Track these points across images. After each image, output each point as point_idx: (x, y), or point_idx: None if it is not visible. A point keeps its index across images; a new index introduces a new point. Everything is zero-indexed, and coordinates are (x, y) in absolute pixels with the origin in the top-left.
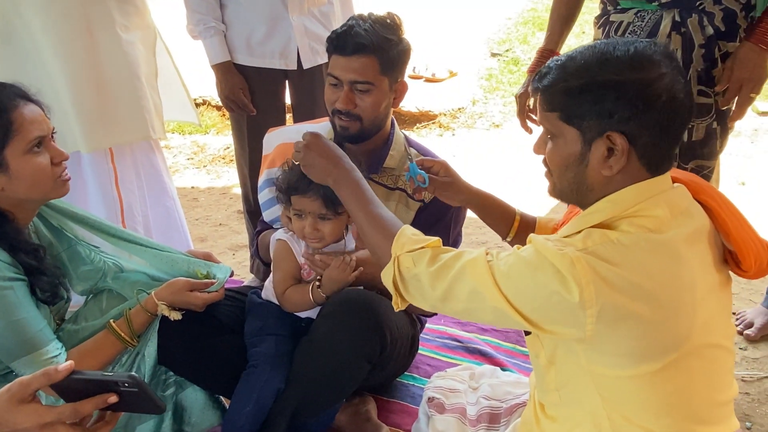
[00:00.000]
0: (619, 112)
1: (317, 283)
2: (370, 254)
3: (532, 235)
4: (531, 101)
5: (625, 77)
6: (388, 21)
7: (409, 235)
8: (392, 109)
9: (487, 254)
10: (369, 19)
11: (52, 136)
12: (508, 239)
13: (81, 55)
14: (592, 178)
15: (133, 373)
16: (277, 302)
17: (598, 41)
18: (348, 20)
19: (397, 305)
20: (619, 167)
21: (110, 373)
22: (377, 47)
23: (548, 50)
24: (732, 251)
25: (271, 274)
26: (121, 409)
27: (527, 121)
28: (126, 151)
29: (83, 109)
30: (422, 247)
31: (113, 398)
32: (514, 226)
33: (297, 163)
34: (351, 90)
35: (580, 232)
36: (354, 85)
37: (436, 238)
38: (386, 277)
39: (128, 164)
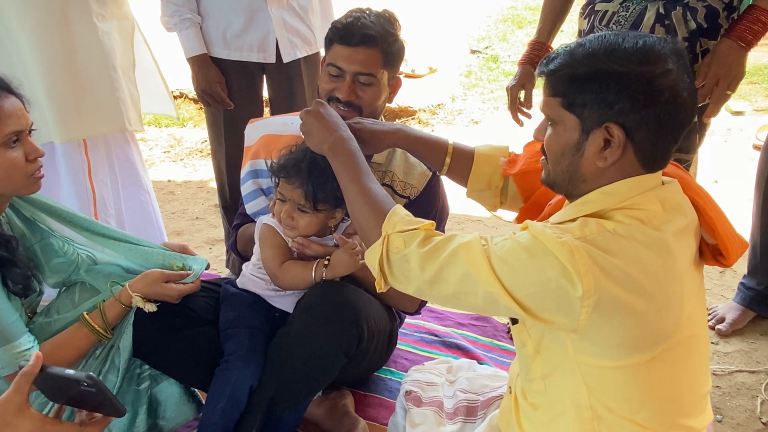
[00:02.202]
0: (620, 104)
1: (325, 261)
2: (357, 230)
3: (528, 221)
4: (522, 94)
5: (630, 69)
6: (388, 16)
7: (402, 215)
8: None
9: (481, 238)
10: (372, 13)
11: (30, 132)
12: (444, 171)
13: (56, 43)
14: (586, 169)
15: (91, 373)
16: (252, 288)
17: (609, 32)
18: (350, 12)
19: (380, 286)
20: (614, 160)
21: (71, 371)
22: (382, 40)
23: (539, 43)
24: (710, 244)
25: (251, 259)
26: (88, 408)
27: (519, 114)
28: (100, 143)
29: (57, 99)
30: (415, 229)
31: None
32: (446, 159)
33: (300, 145)
34: (353, 81)
35: (574, 220)
36: (357, 76)
37: (430, 221)
38: (372, 256)
39: (102, 156)
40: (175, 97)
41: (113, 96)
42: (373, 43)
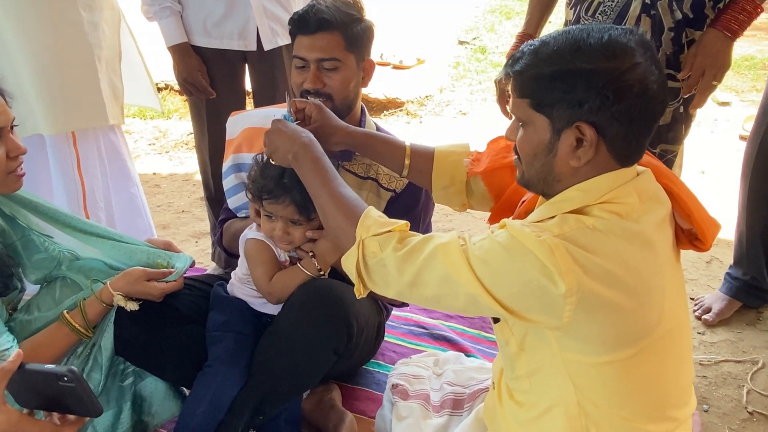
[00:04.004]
0: (589, 102)
1: (310, 252)
2: (331, 237)
3: (506, 220)
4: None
5: (597, 66)
6: (348, 0)
7: (375, 218)
8: (362, 91)
9: (459, 238)
10: None
11: (12, 128)
12: (405, 173)
13: (42, 34)
14: (560, 169)
15: (73, 367)
16: (240, 296)
17: (573, 27)
18: (308, 2)
19: (359, 292)
20: (587, 158)
21: (51, 366)
22: (340, 23)
23: (527, 35)
24: (686, 230)
25: (237, 270)
26: (62, 410)
27: (507, 107)
28: (90, 135)
29: (45, 91)
30: (389, 231)
31: None
32: (406, 161)
33: (268, 158)
34: (318, 69)
35: (552, 217)
36: (321, 63)
37: (404, 221)
38: (348, 262)
39: (91, 148)
40: (160, 89)
41: (96, 88)
42: (330, 27)
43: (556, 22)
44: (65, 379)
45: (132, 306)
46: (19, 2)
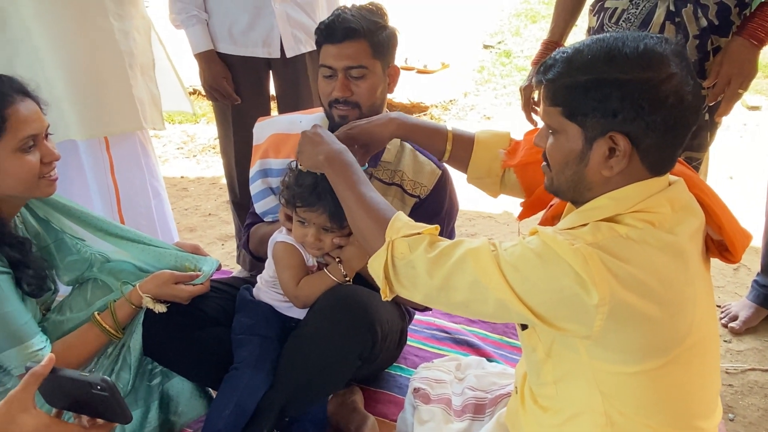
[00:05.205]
0: (624, 113)
1: (337, 258)
2: (359, 239)
3: (538, 227)
4: (536, 94)
5: (632, 76)
6: (373, 7)
7: (404, 221)
8: (387, 97)
9: (489, 243)
10: (354, 7)
11: (47, 135)
12: (446, 158)
13: (73, 41)
14: (591, 178)
15: (105, 376)
16: (266, 300)
17: (607, 35)
18: (333, 12)
19: (385, 295)
20: (620, 168)
21: (86, 374)
22: (367, 31)
23: (553, 42)
24: (716, 240)
25: (263, 273)
26: (91, 414)
27: (532, 114)
28: (125, 141)
29: (77, 97)
30: (419, 233)
31: None
32: (447, 146)
33: (301, 167)
34: (346, 77)
35: (584, 225)
36: (348, 71)
37: (434, 225)
38: (376, 264)
39: (127, 154)
40: (189, 94)
41: (129, 93)
42: (357, 35)
43: (582, 27)
44: (98, 388)
45: (160, 308)
46: (52, 11)
